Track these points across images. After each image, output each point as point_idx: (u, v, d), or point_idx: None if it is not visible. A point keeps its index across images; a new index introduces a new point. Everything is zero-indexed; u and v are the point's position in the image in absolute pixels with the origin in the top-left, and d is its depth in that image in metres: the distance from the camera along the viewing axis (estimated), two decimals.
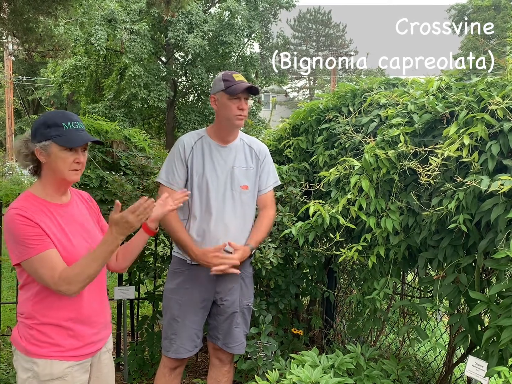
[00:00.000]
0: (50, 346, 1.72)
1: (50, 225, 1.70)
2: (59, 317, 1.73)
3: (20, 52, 19.18)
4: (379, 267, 2.51)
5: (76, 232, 1.78)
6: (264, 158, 2.58)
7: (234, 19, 19.12)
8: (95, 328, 1.83)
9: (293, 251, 2.97)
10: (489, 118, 2.01)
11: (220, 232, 2.41)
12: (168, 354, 2.47)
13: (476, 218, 1.99)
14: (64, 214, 1.77)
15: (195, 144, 2.47)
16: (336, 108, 3.06)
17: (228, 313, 2.49)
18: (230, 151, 2.49)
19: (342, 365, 2.30)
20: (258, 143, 2.62)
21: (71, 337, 1.75)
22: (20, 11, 7.94)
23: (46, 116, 1.74)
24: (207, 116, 20.52)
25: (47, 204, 1.74)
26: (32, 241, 1.64)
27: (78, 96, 22.76)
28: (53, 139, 1.68)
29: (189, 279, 2.45)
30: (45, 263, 1.65)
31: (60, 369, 1.72)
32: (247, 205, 2.50)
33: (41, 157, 1.71)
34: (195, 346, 2.49)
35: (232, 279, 2.48)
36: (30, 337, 1.72)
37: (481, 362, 1.95)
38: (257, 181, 2.54)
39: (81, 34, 17.86)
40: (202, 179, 2.42)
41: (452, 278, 2.16)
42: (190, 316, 2.44)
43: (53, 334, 1.72)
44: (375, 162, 2.41)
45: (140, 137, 3.75)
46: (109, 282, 5.61)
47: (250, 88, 2.37)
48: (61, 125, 1.70)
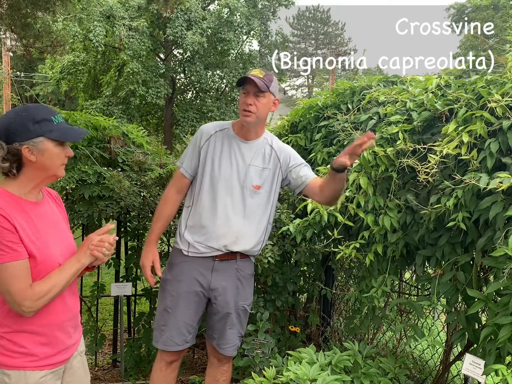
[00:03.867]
0: (23, 356, 1.60)
1: (25, 227, 1.57)
2: (32, 323, 1.61)
3: (18, 47, 19.13)
4: (377, 265, 2.50)
5: (50, 233, 1.67)
6: (289, 158, 2.43)
7: (233, 16, 19.09)
8: (68, 333, 1.74)
9: (291, 248, 2.96)
10: (488, 115, 2.01)
11: (222, 226, 2.35)
12: (157, 345, 2.46)
13: (475, 216, 1.98)
14: (38, 213, 1.66)
15: (215, 134, 2.41)
16: (334, 105, 3.05)
17: (221, 313, 2.45)
18: (250, 148, 2.41)
19: (340, 362, 2.29)
20: (280, 144, 2.50)
21: (44, 345, 1.65)
22: (18, 7, 7.91)
23: (30, 111, 1.58)
24: (205, 114, 20.49)
25: (23, 203, 1.60)
26: (6, 247, 1.50)
27: (76, 93, 22.70)
28: (47, 135, 1.57)
29: (184, 271, 2.41)
30: (17, 273, 1.53)
31: (34, 379, 1.61)
32: (257, 206, 2.40)
33: (31, 155, 1.56)
34: (185, 341, 2.44)
35: (227, 277, 2.43)
36: (0, 348, 1.58)
37: (478, 360, 1.95)
38: (274, 183, 2.43)
39: (79, 30, 17.81)
40: (215, 170, 2.37)
41: (449, 276, 2.16)
42: (182, 309, 2.40)
43: (25, 343, 1.61)
44: (373, 160, 2.40)
45: (138, 133, 3.73)
46: (106, 278, 5.61)
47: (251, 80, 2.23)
48: (50, 120, 1.59)
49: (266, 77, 2.28)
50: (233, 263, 2.42)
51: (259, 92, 2.27)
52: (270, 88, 2.28)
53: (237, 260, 2.42)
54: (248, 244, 2.40)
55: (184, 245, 2.40)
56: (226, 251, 2.37)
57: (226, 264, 2.41)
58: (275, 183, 2.43)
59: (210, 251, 2.37)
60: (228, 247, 2.36)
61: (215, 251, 2.37)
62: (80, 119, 3.29)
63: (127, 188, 3.11)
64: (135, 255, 3.42)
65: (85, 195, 3.07)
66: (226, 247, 2.36)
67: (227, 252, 2.38)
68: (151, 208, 3.22)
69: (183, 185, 2.46)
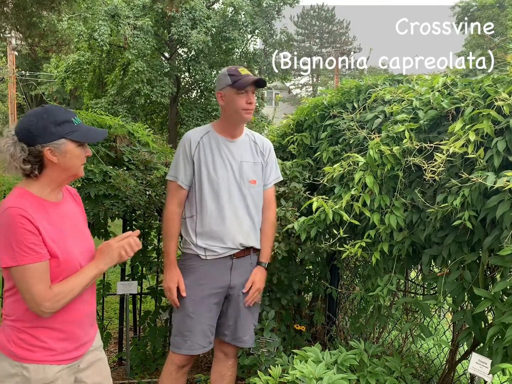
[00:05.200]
0: (43, 350, 1.65)
1: (47, 228, 1.61)
2: (52, 319, 1.66)
3: (23, 47, 19.20)
4: (383, 264, 2.49)
5: (70, 233, 1.72)
6: (268, 154, 2.59)
7: (237, 15, 19.07)
8: (85, 329, 1.79)
9: (296, 246, 2.96)
10: (495, 114, 2.00)
11: (233, 225, 2.42)
12: (180, 351, 2.43)
13: (481, 215, 1.97)
14: (59, 214, 1.70)
15: (201, 139, 2.45)
16: (340, 104, 3.05)
17: (239, 307, 2.49)
18: (238, 146, 2.49)
19: (346, 361, 2.29)
20: (262, 138, 2.63)
21: (63, 341, 1.69)
22: (23, 6, 7.94)
23: (51, 113, 1.63)
24: (210, 112, 20.49)
25: (45, 203, 1.66)
26: (28, 249, 1.55)
27: (81, 92, 22.76)
28: (69, 137, 1.62)
29: (204, 275, 2.42)
30: (38, 274, 1.57)
31: (52, 373, 1.65)
32: (257, 200, 2.52)
33: (53, 157, 1.61)
34: (209, 342, 2.46)
35: (244, 273, 2.50)
36: (21, 341, 1.63)
37: (484, 359, 1.94)
38: (263, 176, 2.56)
39: (84, 30, 17.83)
40: (212, 174, 2.41)
41: (456, 275, 2.15)
42: (204, 313, 2.42)
43: (45, 337, 1.65)
44: (379, 158, 2.40)
45: (144, 132, 3.74)
46: (112, 277, 5.63)
47: (257, 81, 2.36)
48: (71, 121, 1.65)
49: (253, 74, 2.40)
50: (248, 259, 2.51)
51: (255, 89, 2.40)
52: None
53: (251, 255, 2.53)
54: (256, 236, 2.53)
55: (200, 250, 2.43)
56: (242, 248, 2.46)
57: (243, 261, 2.49)
58: (263, 174, 2.58)
59: (228, 250, 2.43)
60: (244, 243, 2.45)
61: (232, 250, 2.44)
62: (86, 118, 3.30)
63: (132, 187, 3.12)
64: (141, 254, 3.43)
65: (91, 194, 3.09)
66: (242, 244, 2.45)
67: (243, 249, 2.47)
68: (157, 206, 3.23)
69: (182, 197, 2.48)
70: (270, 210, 2.62)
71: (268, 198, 2.60)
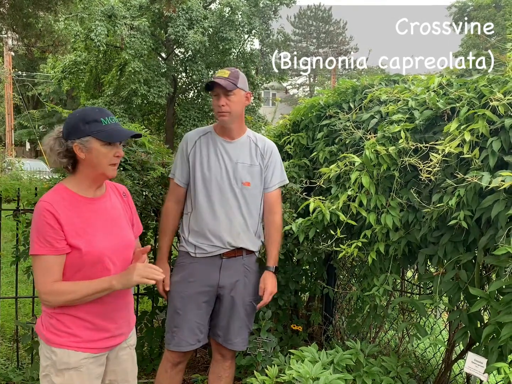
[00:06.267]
0: (68, 335, 1.73)
1: (74, 221, 1.71)
2: (80, 310, 1.74)
3: (19, 47, 19.17)
4: (379, 264, 2.50)
5: (103, 227, 1.79)
6: (269, 156, 2.56)
7: (234, 15, 19.03)
8: (116, 323, 1.84)
9: (293, 247, 2.96)
10: (490, 114, 2.01)
11: (223, 223, 2.43)
12: (169, 347, 2.48)
13: (477, 215, 1.98)
14: (92, 209, 1.79)
15: (199, 139, 2.51)
16: (336, 104, 3.05)
17: (230, 309, 2.49)
18: (235, 147, 2.50)
19: (342, 361, 2.30)
20: (265, 140, 2.61)
21: (89, 330, 1.76)
22: (20, 6, 7.93)
23: (83, 112, 1.75)
24: (207, 113, 20.46)
25: (78, 198, 1.76)
26: (45, 241, 1.66)
27: (78, 92, 22.68)
28: (94, 135, 1.71)
29: (193, 273, 2.46)
30: (47, 265, 1.68)
31: (76, 359, 1.73)
32: (251, 202, 2.50)
33: (81, 153, 1.72)
34: (197, 340, 2.47)
35: (235, 274, 2.49)
36: (50, 326, 1.74)
37: (480, 358, 1.95)
38: (263, 179, 2.54)
39: (81, 30, 17.76)
40: (205, 171, 2.45)
41: (452, 275, 2.16)
42: (193, 309, 2.44)
43: (70, 324, 1.74)
44: (375, 158, 2.40)
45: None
46: None
47: (220, 83, 2.34)
48: (99, 121, 1.73)
49: (232, 76, 2.38)
50: (240, 260, 2.49)
51: (228, 92, 2.37)
52: (238, 85, 2.39)
53: (243, 257, 2.50)
54: (249, 238, 2.50)
55: (190, 247, 2.47)
56: (231, 248, 2.44)
57: (234, 261, 2.48)
58: (263, 177, 2.55)
59: (216, 249, 2.44)
60: (233, 243, 2.43)
61: (221, 249, 2.44)
62: None
63: (129, 187, 3.11)
64: None
65: None
66: (231, 244, 2.43)
67: (233, 249, 2.45)
68: (154, 207, 3.22)
69: (180, 195, 2.54)
70: (275, 214, 2.59)
71: (272, 202, 2.58)
